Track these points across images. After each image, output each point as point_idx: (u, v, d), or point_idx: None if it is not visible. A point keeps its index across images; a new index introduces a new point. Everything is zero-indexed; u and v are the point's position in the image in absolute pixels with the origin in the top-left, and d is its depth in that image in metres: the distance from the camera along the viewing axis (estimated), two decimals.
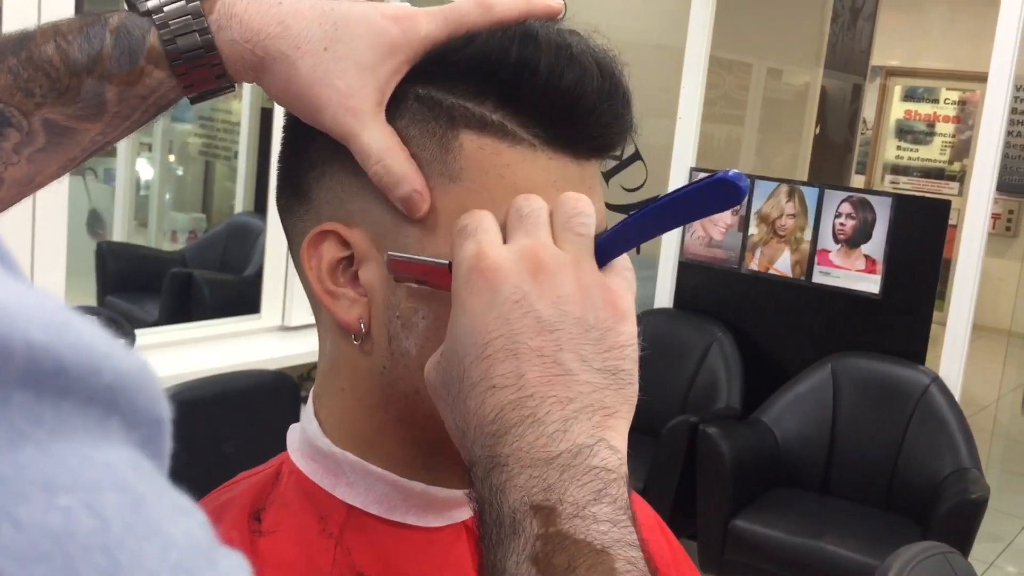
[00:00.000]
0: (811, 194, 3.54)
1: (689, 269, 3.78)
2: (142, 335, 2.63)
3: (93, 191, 4.40)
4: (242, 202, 4.35)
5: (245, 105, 4.25)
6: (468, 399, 0.49)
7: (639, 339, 0.52)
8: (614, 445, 0.48)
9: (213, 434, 2.07)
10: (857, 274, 3.44)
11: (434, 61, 0.56)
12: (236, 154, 4.42)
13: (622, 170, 3.51)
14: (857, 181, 7.47)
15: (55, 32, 0.54)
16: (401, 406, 0.59)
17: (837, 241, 3.48)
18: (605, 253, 0.52)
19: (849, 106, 6.39)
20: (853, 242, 3.45)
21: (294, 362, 2.81)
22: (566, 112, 0.55)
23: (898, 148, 8.26)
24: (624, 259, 0.54)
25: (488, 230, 0.52)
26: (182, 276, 3.76)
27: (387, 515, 0.60)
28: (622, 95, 0.57)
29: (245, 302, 3.09)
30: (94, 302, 3.74)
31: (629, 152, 3.97)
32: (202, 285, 3.66)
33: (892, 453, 3.20)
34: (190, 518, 0.26)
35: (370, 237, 0.57)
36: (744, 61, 5.23)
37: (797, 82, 5.90)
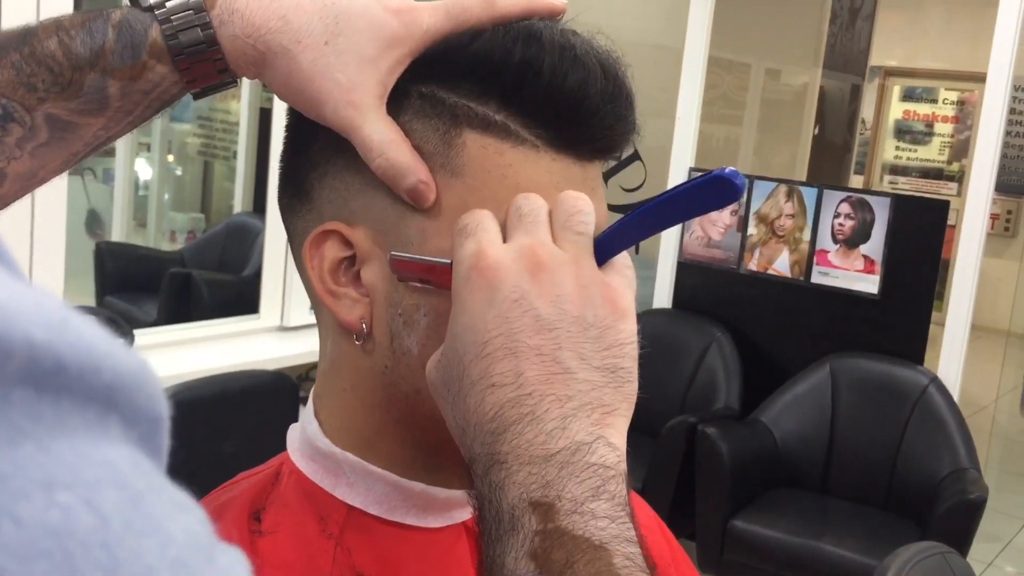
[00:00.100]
0: (810, 194, 3.55)
1: (688, 269, 3.78)
2: (141, 335, 2.63)
3: (92, 191, 4.40)
4: (241, 202, 4.35)
5: (244, 105, 4.25)
6: (468, 397, 0.49)
7: (639, 337, 0.52)
8: (613, 442, 0.48)
9: (212, 434, 2.07)
10: (856, 274, 3.44)
11: (437, 59, 0.56)
12: (235, 154, 4.42)
13: (621, 170, 3.52)
14: (856, 181, 7.47)
15: (57, 27, 0.54)
16: (402, 406, 0.59)
17: (836, 241, 3.48)
18: (604, 251, 0.53)
19: (848, 106, 6.39)
20: (852, 242, 3.45)
21: (293, 362, 2.81)
22: (569, 113, 0.55)
23: (897, 148, 8.27)
24: (624, 257, 0.54)
25: (488, 229, 0.52)
26: (181, 276, 3.76)
27: (387, 515, 0.60)
28: (625, 97, 0.57)
29: (244, 302, 3.09)
30: (93, 302, 3.74)
31: (628, 152, 3.96)
32: (201, 285, 3.66)
33: (891, 453, 3.20)
34: (189, 515, 0.26)
35: (372, 235, 0.57)
36: (743, 61, 5.23)
37: (796, 82, 5.91)
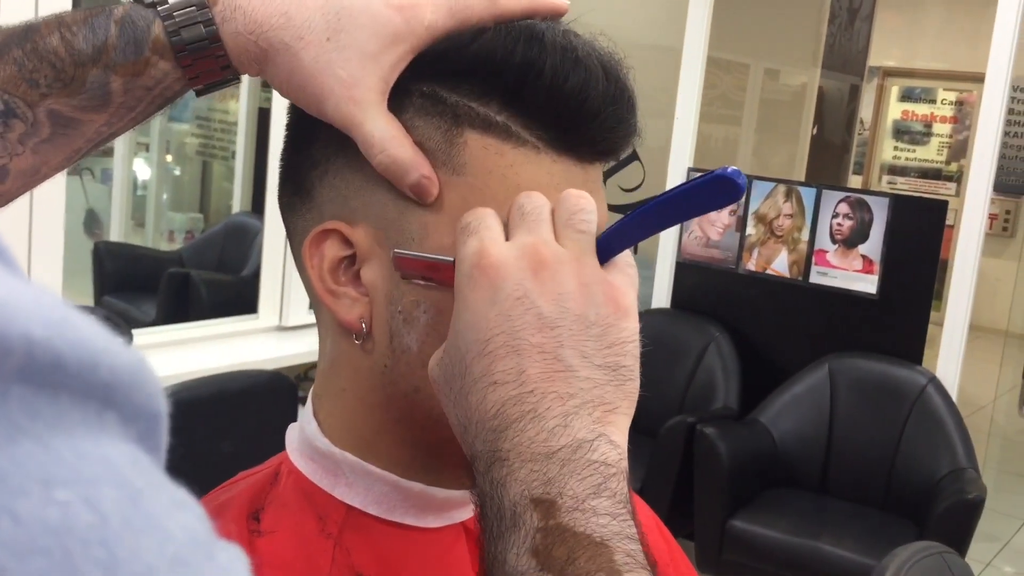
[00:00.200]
0: (808, 194, 3.55)
1: (687, 269, 3.78)
2: (139, 335, 2.63)
3: (90, 191, 4.40)
4: (239, 202, 4.35)
5: (243, 105, 4.25)
6: (470, 395, 0.50)
7: (640, 336, 0.52)
8: (614, 440, 0.48)
9: (211, 434, 2.07)
10: (854, 274, 3.44)
11: (438, 58, 0.56)
12: (233, 154, 4.42)
13: (620, 170, 3.52)
14: (854, 181, 7.48)
15: (60, 23, 0.54)
16: (401, 405, 0.59)
17: (834, 241, 3.48)
18: (606, 250, 0.53)
19: (846, 106, 6.39)
20: (850, 242, 3.45)
21: (291, 362, 2.81)
22: (570, 115, 0.55)
23: (895, 148, 8.27)
24: (626, 255, 0.54)
25: (491, 227, 0.52)
26: (179, 276, 3.76)
27: (386, 515, 0.60)
28: (627, 99, 0.57)
29: (242, 302, 3.09)
30: (91, 302, 3.74)
31: (627, 152, 3.96)
32: (199, 285, 3.66)
33: (889, 453, 3.20)
34: (188, 512, 0.26)
35: (373, 234, 0.57)
36: (741, 61, 5.23)
37: (794, 82, 5.91)
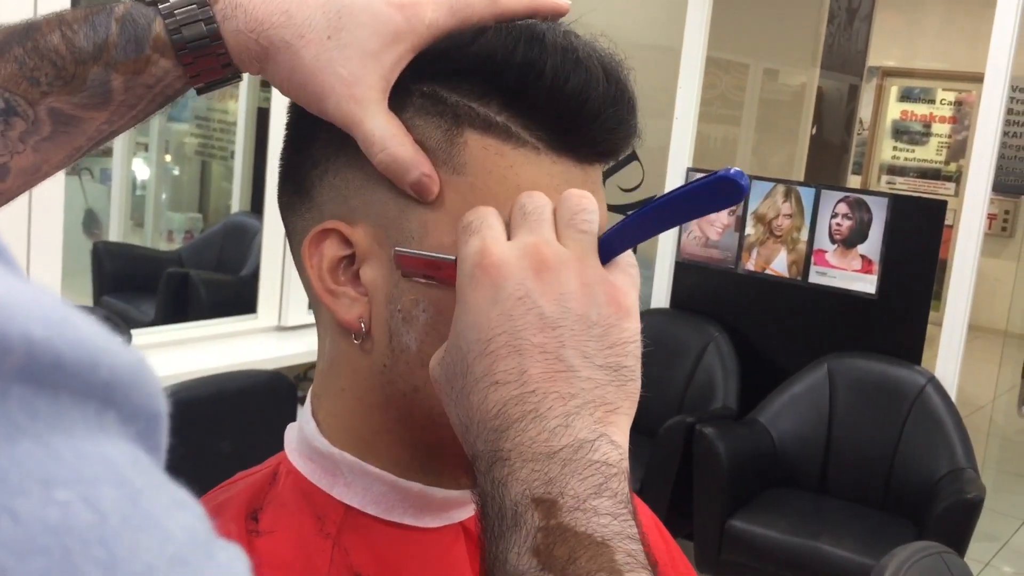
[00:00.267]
0: (807, 194, 3.55)
1: (686, 269, 3.78)
2: (138, 335, 2.63)
3: (89, 191, 4.40)
4: (238, 202, 4.35)
5: (241, 105, 4.25)
6: (471, 394, 0.50)
7: (642, 336, 0.52)
8: (615, 440, 0.48)
9: (209, 434, 2.07)
10: (853, 274, 3.44)
11: (439, 57, 0.56)
12: (232, 154, 4.42)
13: (619, 170, 3.51)
14: (853, 181, 7.48)
15: (60, 21, 0.54)
16: (400, 405, 0.59)
17: (833, 241, 3.48)
18: (608, 250, 0.53)
19: (845, 106, 6.40)
20: (849, 242, 3.45)
21: (290, 362, 2.81)
22: (571, 116, 0.55)
23: (894, 148, 8.27)
24: (628, 255, 0.54)
25: (492, 226, 0.52)
26: (178, 276, 3.76)
27: (385, 515, 0.60)
28: (627, 100, 0.57)
29: (241, 302, 3.09)
30: (90, 302, 3.73)
31: (626, 153, 3.96)
32: (198, 285, 3.65)
33: (888, 453, 3.20)
34: (188, 511, 0.26)
35: (372, 233, 0.57)
36: (741, 61, 5.24)
37: (793, 82, 5.91)
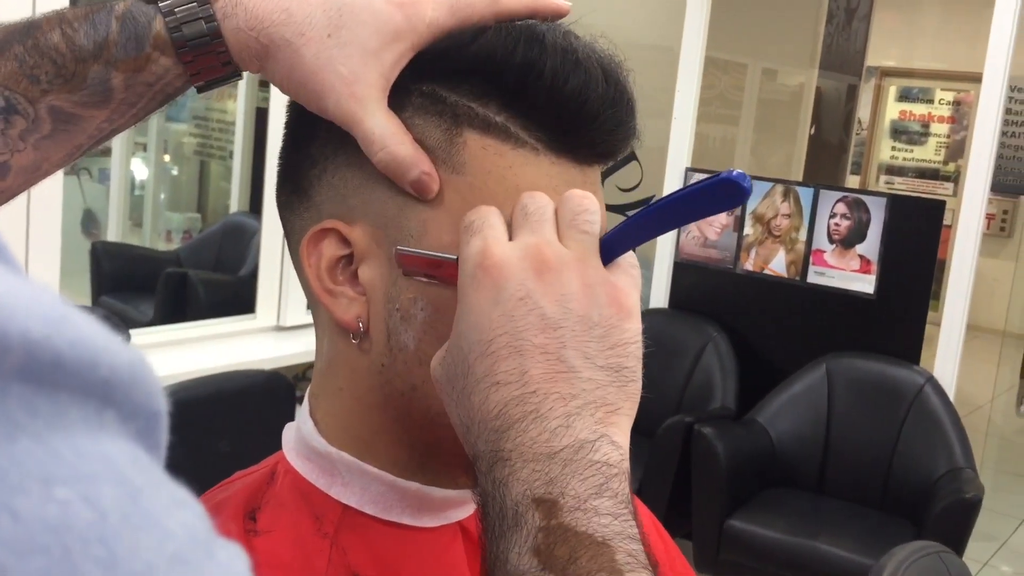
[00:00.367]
0: (806, 194, 3.55)
1: (684, 269, 3.78)
2: (137, 335, 2.62)
3: (88, 191, 4.39)
4: (237, 202, 4.34)
5: (240, 105, 4.24)
6: (472, 395, 0.50)
7: (643, 337, 0.52)
8: (616, 441, 0.48)
9: (208, 434, 2.07)
10: (852, 274, 3.44)
11: (438, 57, 0.56)
12: (231, 154, 4.41)
13: (617, 170, 3.52)
14: (852, 181, 7.48)
15: (60, 20, 0.54)
16: (398, 404, 0.59)
17: (832, 241, 3.48)
18: (610, 251, 0.53)
19: (844, 106, 6.40)
20: (848, 242, 3.45)
21: (289, 362, 2.80)
22: (570, 117, 0.56)
23: (893, 148, 8.28)
24: (630, 256, 0.54)
25: (494, 226, 0.52)
26: (177, 276, 3.76)
27: (382, 515, 0.60)
28: (627, 102, 0.57)
29: (240, 302, 3.09)
30: (88, 302, 3.73)
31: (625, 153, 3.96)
32: (197, 285, 3.65)
33: (887, 453, 3.20)
34: (187, 510, 0.26)
35: (371, 232, 0.57)
36: (739, 61, 5.24)
37: (792, 82, 5.91)
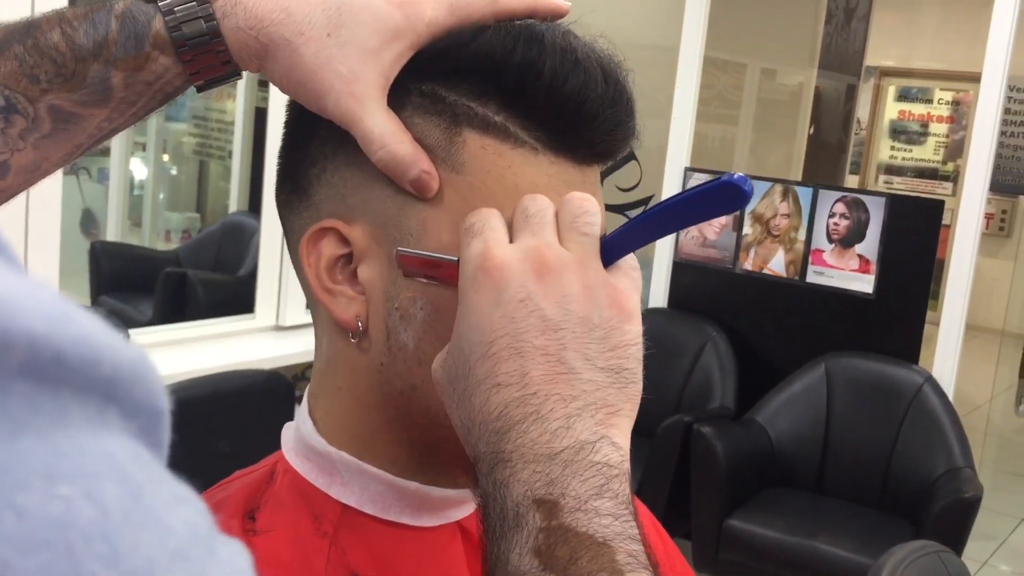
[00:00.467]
0: (805, 194, 3.55)
1: (684, 269, 3.79)
2: (136, 335, 2.62)
3: (87, 191, 4.39)
4: (236, 202, 4.34)
5: (239, 104, 4.24)
6: (473, 396, 0.50)
7: (644, 338, 0.52)
8: (616, 442, 0.49)
9: (207, 434, 2.07)
10: (851, 274, 3.44)
11: (437, 56, 0.56)
12: (230, 154, 4.41)
13: (617, 170, 3.52)
14: (851, 181, 7.48)
15: (60, 19, 0.54)
16: (397, 404, 0.59)
17: (831, 241, 3.48)
18: (610, 253, 0.53)
19: (843, 106, 6.40)
20: (847, 242, 3.45)
21: (288, 362, 2.80)
22: (569, 117, 0.56)
23: (892, 148, 8.28)
24: (631, 259, 0.54)
25: (495, 228, 0.52)
26: (176, 276, 3.75)
27: (382, 515, 0.60)
28: (626, 101, 0.57)
29: (239, 302, 3.09)
30: (87, 302, 3.73)
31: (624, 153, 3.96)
32: (196, 285, 3.65)
33: (886, 452, 3.21)
34: (189, 507, 0.26)
35: (371, 231, 0.57)
36: (738, 61, 5.24)
37: (791, 82, 5.92)
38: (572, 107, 0.55)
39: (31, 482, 0.22)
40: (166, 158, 4.74)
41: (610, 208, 3.83)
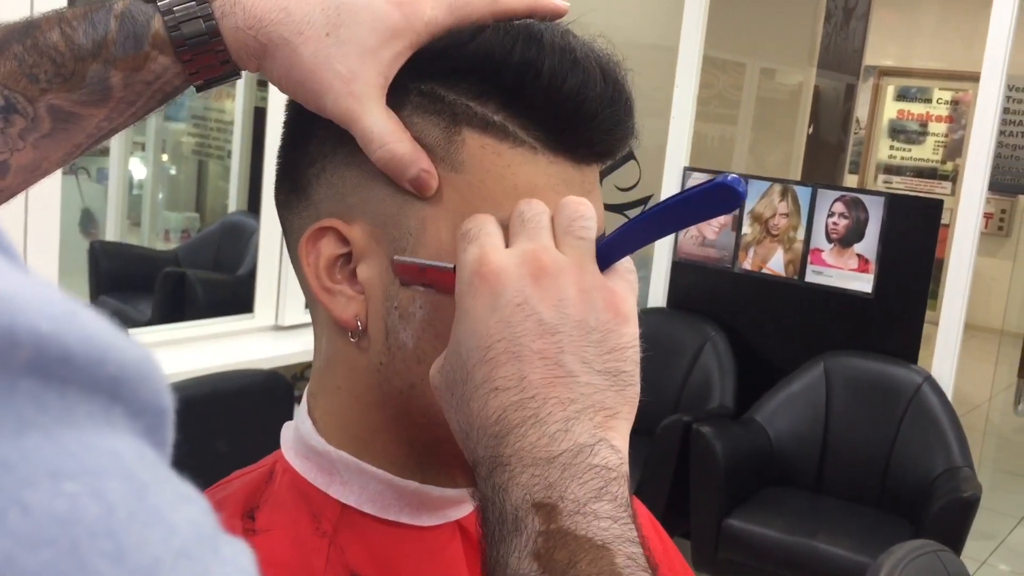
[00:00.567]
0: (804, 193, 3.55)
1: (683, 268, 3.79)
2: (135, 335, 2.62)
3: (86, 190, 4.38)
4: (235, 201, 4.34)
5: (239, 104, 4.24)
6: (471, 401, 0.50)
7: (640, 341, 0.52)
8: (615, 445, 0.49)
9: (206, 433, 2.06)
10: (850, 273, 3.44)
11: (437, 56, 0.56)
12: (229, 153, 4.41)
13: (616, 169, 3.52)
14: (850, 180, 7.48)
15: (60, 19, 0.54)
16: (396, 403, 0.59)
17: (830, 240, 3.48)
18: (606, 256, 0.53)
19: (842, 106, 6.40)
20: (846, 241, 3.45)
21: (288, 361, 2.80)
22: (568, 117, 0.56)
23: (891, 148, 8.28)
24: (627, 262, 0.54)
25: (491, 233, 0.52)
26: (175, 275, 3.75)
27: (381, 514, 0.60)
28: (625, 101, 0.57)
29: (239, 301, 3.08)
30: (87, 302, 3.73)
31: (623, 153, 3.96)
32: (195, 284, 3.65)
33: (885, 452, 3.21)
34: (193, 505, 0.26)
35: (370, 231, 0.57)
36: (737, 61, 5.24)
37: (790, 82, 5.91)
38: (571, 106, 0.55)
39: (37, 479, 0.22)
40: (165, 158, 4.73)
41: (609, 208, 3.83)
